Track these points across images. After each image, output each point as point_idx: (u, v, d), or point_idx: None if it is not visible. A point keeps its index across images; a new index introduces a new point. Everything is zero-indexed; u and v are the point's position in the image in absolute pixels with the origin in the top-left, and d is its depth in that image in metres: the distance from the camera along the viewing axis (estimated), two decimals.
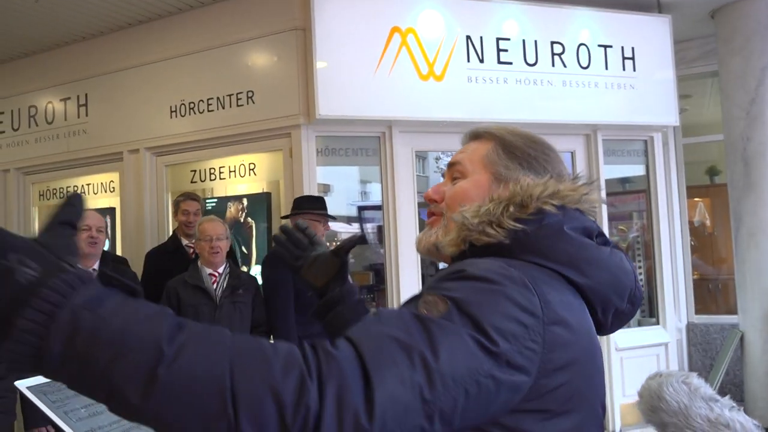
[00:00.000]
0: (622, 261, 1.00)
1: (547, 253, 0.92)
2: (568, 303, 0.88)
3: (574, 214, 0.98)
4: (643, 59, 4.92)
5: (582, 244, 0.95)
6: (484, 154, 1.08)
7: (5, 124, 5.64)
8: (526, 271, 0.87)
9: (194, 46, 4.63)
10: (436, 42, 4.37)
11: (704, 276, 6.16)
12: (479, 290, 0.81)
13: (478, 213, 0.96)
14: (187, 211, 4.06)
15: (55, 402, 1.11)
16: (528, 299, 0.82)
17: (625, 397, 4.82)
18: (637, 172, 5.37)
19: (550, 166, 1.06)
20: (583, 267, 0.93)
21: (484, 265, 0.87)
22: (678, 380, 1.30)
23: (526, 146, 1.07)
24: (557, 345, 0.83)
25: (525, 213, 0.95)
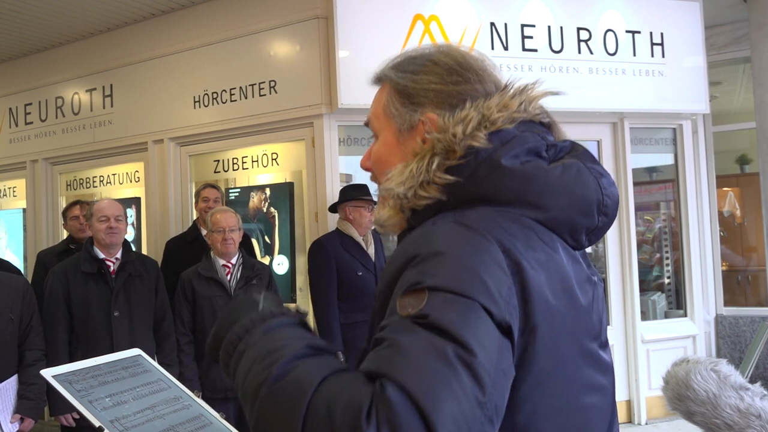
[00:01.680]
0: (579, 174, 0.87)
1: (490, 196, 0.83)
2: (526, 245, 0.79)
3: (513, 137, 0.86)
4: (673, 45, 4.80)
5: (526, 175, 0.83)
6: (383, 105, 0.96)
7: (33, 115, 5.72)
8: (477, 219, 0.79)
9: (217, 36, 4.64)
10: (459, 29, 4.31)
11: (733, 267, 6.03)
12: (444, 267, 0.74)
13: (402, 179, 0.86)
14: (207, 198, 4.09)
15: (80, 391, 1.11)
16: (490, 253, 0.75)
17: (651, 390, 4.76)
18: (666, 161, 5.26)
19: (463, 86, 0.91)
20: (533, 200, 0.83)
21: (433, 238, 0.78)
22: (706, 368, 1.25)
23: (423, 82, 0.91)
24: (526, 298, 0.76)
25: (454, 158, 0.84)
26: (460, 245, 0.76)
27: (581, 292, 0.84)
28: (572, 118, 4.49)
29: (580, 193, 0.86)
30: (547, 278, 0.79)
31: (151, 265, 3.43)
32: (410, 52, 0.97)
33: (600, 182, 0.89)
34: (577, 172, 0.87)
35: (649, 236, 5.43)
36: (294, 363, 0.74)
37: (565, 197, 0.85)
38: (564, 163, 0.87)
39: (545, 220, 0.83)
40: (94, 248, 3.22)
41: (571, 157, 0.90)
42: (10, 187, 6.17)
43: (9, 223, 6.15)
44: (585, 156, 0.92)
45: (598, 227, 0.89)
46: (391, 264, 0.82)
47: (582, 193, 0.86)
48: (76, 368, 1.17)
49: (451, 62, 0.93)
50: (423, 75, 0.92)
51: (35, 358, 2.87)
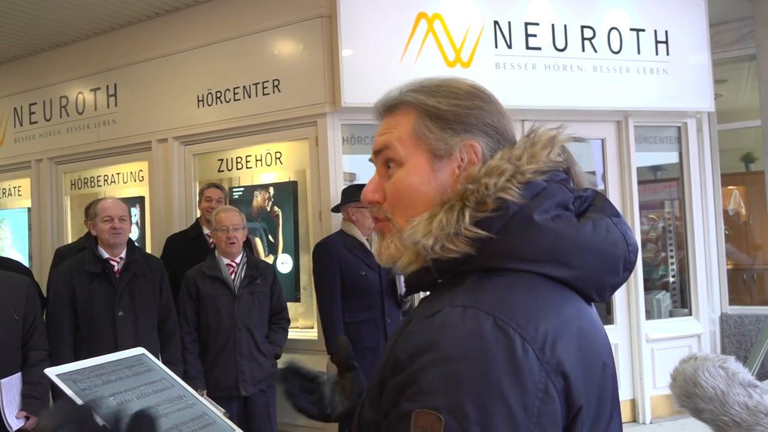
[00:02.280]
0: (608, 233, 0.85)
1: (520, 255, 0.80)
2: (560, 327, 0.76)
3: (542, 189, 0.84)
4: (677, 43, 4.78)
5: (558, 234, 0.81)
6: (411, 130, 0.90)
7: (38, 114, 5.74)
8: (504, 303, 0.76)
9: (221, 35, 4.64)
10: (463, 28, 4.30)
11: (738, 266, 6.01)
12: (463, 381, 0.70)
13: (430, 230, 0.81)
14: (210, 197, 4.10)
15: (84, 390, 1.11)
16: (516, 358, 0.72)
17: (656, 389, 4.74)
18: (670, 160, 5.24)
19: (489, 118, 0.90)
20: (564, 259, 0.81)
21: (453, 331, 0.74)
22: (715, 365, 1.24)
23: (453, 105, 0.89)
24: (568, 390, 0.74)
25: (485, 210, 0.81)
26: (486, 352, 0.72)
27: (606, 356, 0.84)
28: (576, 116, 4.48)
29: (610, 252, 0.85)
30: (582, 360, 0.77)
31: (155, 264, 3.44)
32: (425, 80, 0.94)
33: (627, 239, 0.87)
34: (606, 230, 0.85)
35: (653, 235, 5.41)
36: None
37: (595, 257, 0.83)
38: (594, 221, 0.85)
39: (573, 278, 0.82)
40: (98, 248, 3.23)
41: (595, 210, 0.88)
42: (15, 187, 6.19)
43: (14, 222, 6.17)
44: (609, 209, 0.90)
45: (620, 282, 0.88)
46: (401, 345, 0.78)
47: (612, 252, 0.85)
48: (80, 367, 1.17)
49: (474, 90, 0.92)
50: (453, 99, 0.90)
51: (39, 358, 2.88)
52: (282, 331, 3.63)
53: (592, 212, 0.88)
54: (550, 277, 0.81)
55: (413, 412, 0.71)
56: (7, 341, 2.79)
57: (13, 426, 2.73)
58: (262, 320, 3.51)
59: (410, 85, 0.94)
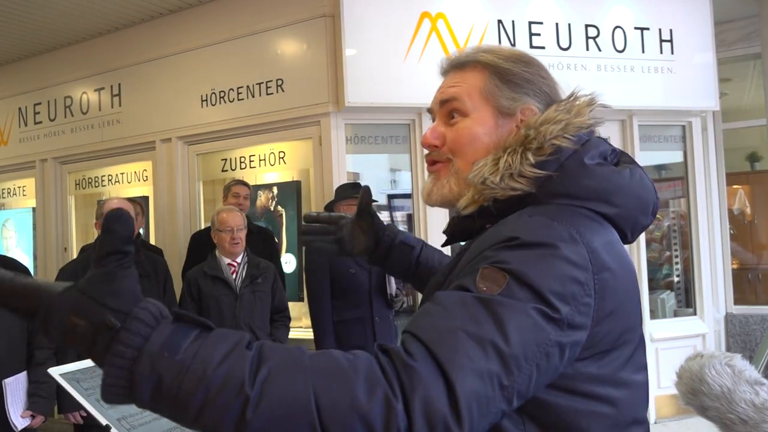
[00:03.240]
0: (642, 179, 0.98)
1: (574, 193, 0.91)
2: (608, 243, 0.88)
3: (589, 141, 0.96)
4: (682, 42, 4.76)
5: (604, 176, 0.93)
6: (481, 86, 1.00)
7: (42, 114, 5.76)
8: (570, 220, 0.86)
9: (224, 35, 4.65)
10: (466, 27, 4.29)
11: (744, 265, 5.98)
12: (535, 257, 0.80)
13: (497, 169, 0.93)
14: (238, 194, 4.12)
15: (87, 389, 1.12)
16: (579, 254, 0.82)
17: (660, 389, 4.72)
18: (675, 159, 5.22)
19: (547, 87, 1.02)
20: (611, 198, 0.92)
21: (537, 228, 0.85)
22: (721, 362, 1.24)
23: (523, 71, 1.01)
24: (606, 292, 0.84)
25: (543, 155, 0.92)
26: (555, 242, 0.82)
27: (635, 284, 0.94)
28: None
29: (644, 196, 0.97)
30: (620, 270, 0.87)
31: (159, 265, 3.44)
32: (497, 46, 1.06)
33: (654, 188, 1.00)
34: (640, 177, 0.98)
35: (658, 234, 5.39)
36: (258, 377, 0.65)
37: (633, 198, 0.95)
38: (630, 168, 0.97)
39: (615, 215, 0.93)
40: None
41: (627, 163, 1.00)
42: (19, 187, 6.21)
43: (18, 222, 6.19)
44: (635, 163, 1.02)
45: (647, 225, 1.01)
46: (481, 243, 0.88)
47: (645, 196, 0.97)
48: (84, 366, 1.17)
49: (537, 61, 1.04)
50: (522, 65, 1.01)
51: (45, 357, 2.89)
52: (284, 329, 3.65)
53: (623, 163, 1.00)
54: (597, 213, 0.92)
55: (481, 268, 0.81)
56: (13, 340, 2.80)
57: (18, 425, 2.74)
58: (264, 319, 3.52)
59: (481, 47, 1.05)
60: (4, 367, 2.74)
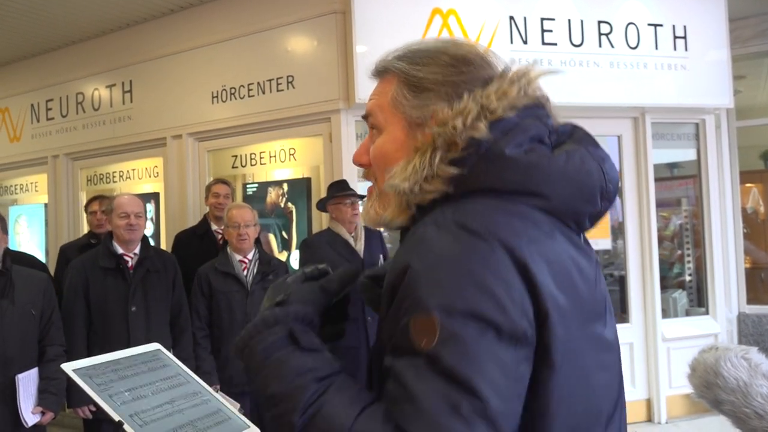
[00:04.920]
0: (582, 161, 0.87)
1: (494, 187, 0.83)
2: (529, 240, 0.79)
3: (514, 125, 0.85)
4: (696, 38, 4.71)
5: (530, 165, 0.83)
6: (390, 98, 0.93)
7: (54, 110, 5.79)
8: (479, 218, 0.79)
9: (235, 32, 4.65)
10: (478, 23, 4.27)
11: (757, 264, 5.92)
12: (448, 279, 0.75)
13: (406, 175, 0.85)
14: (218, 193, 4.10)
15: (100, 385, 1.11)
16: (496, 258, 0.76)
17: (672, 388, 4.69)
18: (688, 157, 5.17)
19: (470, 82, 0.89)
20: (537, 189, 0.83)
21: (435, 245, 0.78)
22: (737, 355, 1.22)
23: (434, 73, 0.90)
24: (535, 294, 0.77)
25: (456, 151, 0.84)
26: (465, 251, 0.77)
27: (582, 278, 0.85)
28: (592, 112, 4.43)
29: (584, 181, 0.86)
30: (550, 271, 0.79)
31: (169, 260, 3.45)
32: (414, 44, 0.96)
33: (603, 168, 0.89)
34: (580, 159, 0.87)
35: (668, 233, 5.35)
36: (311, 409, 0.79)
37: (568, 186, 0.85)
38: (567, 151, 0.87)
39: (548, 208, 0.84)
40: (113, 243, 3.24)
41: (573, 142, 0.90)
42: (31, 182, 6.25)
43: (31, 217, 6.23)
44: (587, 140, 0.92)
45: (601, 212, 0.90)
46: (393, 268, 0.82)
47: (585, 181, 0.86)
48: (96, 362, 1.17)
49: (463, 53, 0.92)
50: (433, 66, 0.90)
51: (56, 353, 2.90)
52: None
53: (569, 144, 0.90)
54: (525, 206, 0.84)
55: (410, 320, 0.76)
56: (25, 337, 2.81)
57: (29, 421, 2.75)
58: None
59: (400, 49, 0.96)
60: (17, 363, 2.75)
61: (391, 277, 0.82)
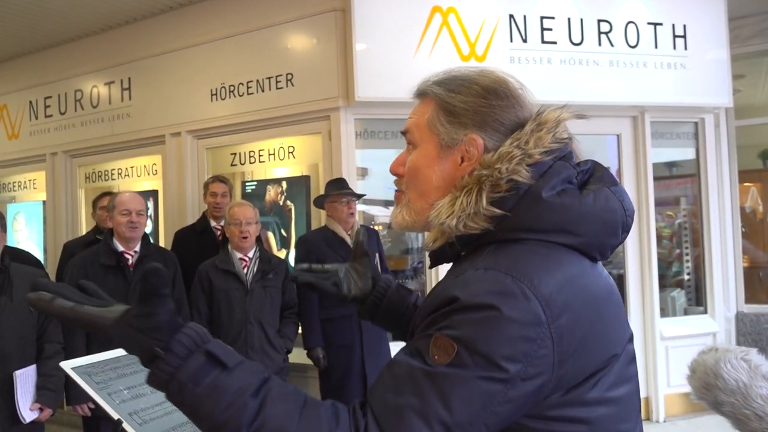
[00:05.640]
0: (607, 202, 0.96)
1: (532, 226, 0.92)
2: (567, 280, 0.88)
3: (548, 168, 0.94)
4: (695, 37, 4.71)
5: (564, 207, 0.92)
6: (427, 119, 1.03)
7: (53, 108, 5.78)
8: (524, 269, 0.86)
9: (234, 29, 4.64)
10: (477, 21, 4.26)
11: (755, 264, 5.93)
12: (481, 322, 0.82)
13: (453, 212, 0.94)
14: (215, 192, 4.09)
15: (99, 383, 1.11)
16: (530, 311, 0.83)
17: (670, 387, 4.70)
18: (687, 156, 5.17)
19: (504, 115, 0.99)
20: (571, 229, 0.92)
21: (483, 287, 0.86)
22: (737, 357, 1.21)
23: (469, 103, 0.99)
24: (566, 336, 0.84)
25: (499, 191, 0.92)
26: (502, 305, 0.83)
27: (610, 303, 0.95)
28: (592, 111, 4.40)
29: (610, 218, 0.96)
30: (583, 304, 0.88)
31: (169, 258, 3.45)
32: (454, 71, 1.05)
33: (624, 205, 0.98)
34: (605, 199, 0.96)
35: (668, 232, 5.35)
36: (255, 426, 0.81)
37: (596, 223, 0.94)
38: (594, 191, 0.95)
39: (579, 244, 0.93)
40: (113, 240, 3.24)
41: (596, 181, 0.98)
42: (30, 180, 6.24)
43: (29, 215, 6.22)
44: (608, 179, 1.00)
45: (619, 242, 1.00)
46: (438, 294, 0.90)
47: (611, 218, 0.96)
48: (95, 360, 1.17)
49: (495, 86, 1.00)
50: (468, 96, 0.99)
51: (54, 350, 2.90)
52: (293, 325, 3.64)
53: (593, 183, 0.98)
54: (558, 243, 0.92)
55: (434, 335, 0.84)
56: (23, 333, 2.81)
57: (27, 418, 2.75)
58: (274, 315, 3.52)
59: (439, 75, 1.05)
60: (15, 360, 2.75)
61: (436, 300, 0.88)
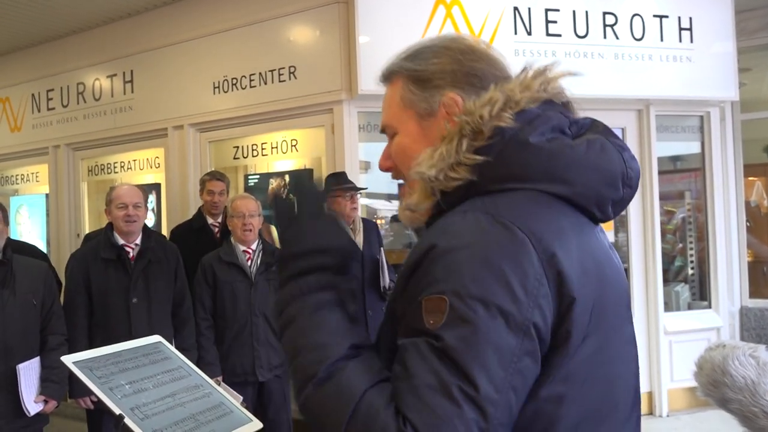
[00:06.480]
0: (603, 148, 0.90)
1: (519, 174, 0.86)
2: (558, 228, 0.83)
3: (536, 116, 0.89)
4: (701, 30, 4.67)
5: (552, 153, 0.86)
6: (399, 98, 0.98)
7: (55, 101, 5.76)
8: (507, 209, 0.82)
9: (237, 22, 4.61)
10: (482, 14, 4.23)
11: (759, 258, 5.90)
12: (463, 263, 0.78)
13: (433, 162, 0.88)
14: (212, 191, 4.02)
15: (100, 378, 1.10)
16: (516, 241, 0.78)
17: (674, 381, 4.69)
18: (692, 150, 5.14)
19: (478, 64, 0.94)
20: (563, 176, 0.86)
21: (457, 230, 0.81)
22: (745, 353, 1.20)
23: (437, 64, 0.94)
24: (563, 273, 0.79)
25: (482, 139, 0.87)
26: (486, 240, 0.79)
27: (609, 267, 0.89)
28: (597, 104, 4.40)
29: (606, 167, 0.89)
30: (579, 261, 0.82)
31: (170, 250, 3.43)
32: (417, 44, 1.00)
33: (623, 155, 0.92)
34: (601, 146, 0.90)
35: (671, 227, 5.32)
36: (337, 366, 0.82)
37: (591, 172, 0.88)
38: (588, 139, 0.90)
39: (573, 195, 0.87)
40: (113, 234, 3.23)
41: (593, 133, 0.93)
42: (32, 173, 6.23)
43: (32, 207, 6.22)
44: (606, 131, 0.95)
45: (623, 198, 0.92)
46: (416, 247, 0.85)
47: (607, 167, 0.89)
48: (97, 355, 1.16)
49: (463, 46, 0.97)
50: (437, 58, 0.95)
51: (57, 343, 2.91)
52: None
53: (589, 134, 0.93)
54: (551, 194, 0.86)
55: (422, 299, 0.79)
56: (26, 326, 2.81)
57: (32, 410, 2.75)
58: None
59: (402, 52, 1.01)
60: (18, 353, 2.75)
61: (414, 255, 0.84)
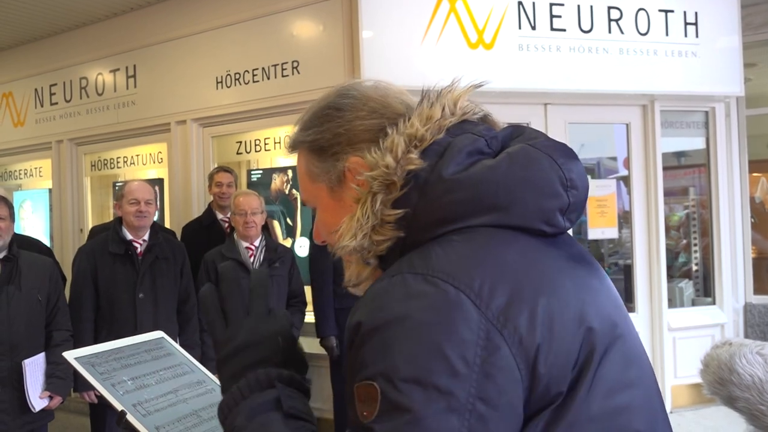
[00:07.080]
0: (527, 157, 0.78)
1: (447, 216, 0.76)
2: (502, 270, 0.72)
3: (448, 145, 0.79)
4: (707, 25, 4.64)
5: (473, 180, 0.76)
6: (305, 172, 0.90)
7: (58, 95, 5.76)
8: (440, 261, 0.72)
9: (240, 16, 4.60)
10: (486, 8, 4.21)
11: (763, 254, 5.87)
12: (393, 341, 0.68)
13: (352, 231, 0.79)
14: (221, 182, 4.07)
15: (102, 374, 1.10)
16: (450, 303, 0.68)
17: (677, 378, 4.68)
18: (696, 146, 5.11)
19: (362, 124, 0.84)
20: (493, 203, 0.75)
21: (382, 301, 0.71)
22: (752, 351, 1.19)
23: (326, 131, 0.86)
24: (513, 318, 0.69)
25: (396, 190, 0.78)
26: (415, 308, 0.69)
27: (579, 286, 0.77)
28: (601, 100, 4.38)
29: (536, 177, 0.78)
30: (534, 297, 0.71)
31: (178, 248, 3.45)
32: (311, 107, 0.91)
33: (553, 157, 0.80)
34: (525, 155, 0.79)
35: (675, 222, 5.30)
36: None
37: (521, 188, 0.77)
38: (509, 152, 0.80)
39: (510, 219, 0.76)
40: (122, 229, 3.24)
41: (516, 142, 0.83)
42: (36, 168, 6.24)
43: (35, 202, 6.23)
44: (529, 135, 0.84)
45: (572, 203, 0.80)
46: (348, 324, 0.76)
47: (538, 177, 0.78)
48: (99, 350, 1.15)
49: (340, 99, 0.87)
50: (327, 124, 0.86)
51: (63, 338, 2.92)
52: (299, 314, 3.65)
53: (511, 144, 0.83)
54: (488, 227, 0.76)
55: (354, 387, 0.70)
56: (31, 322, 2.81)
57: (37, 406, 2.76)
58: (281, 304, 3.52)
59: (300, 118, 0.93)
60: (24, 349, 2.76)
61: (347, 333, 0.75)
